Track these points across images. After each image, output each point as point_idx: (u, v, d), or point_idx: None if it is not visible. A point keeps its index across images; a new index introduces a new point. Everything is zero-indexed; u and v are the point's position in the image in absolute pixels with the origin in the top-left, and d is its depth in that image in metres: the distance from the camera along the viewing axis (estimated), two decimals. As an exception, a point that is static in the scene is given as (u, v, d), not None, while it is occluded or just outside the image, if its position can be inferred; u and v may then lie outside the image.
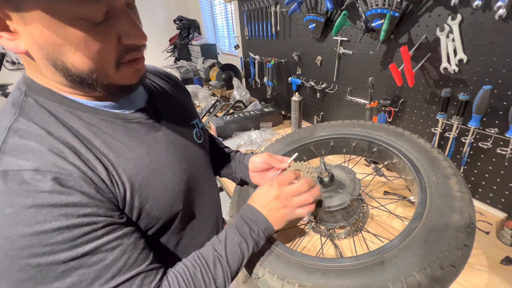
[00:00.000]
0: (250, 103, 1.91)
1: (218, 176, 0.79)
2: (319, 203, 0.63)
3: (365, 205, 0.78)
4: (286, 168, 0.64)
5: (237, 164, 0.72)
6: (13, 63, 3.09)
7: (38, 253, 0.30)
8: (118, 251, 0.35)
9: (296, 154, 0.65)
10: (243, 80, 2.42)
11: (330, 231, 0.72)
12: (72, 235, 0.32)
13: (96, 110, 0.41)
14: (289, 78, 1.60)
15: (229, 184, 1.06)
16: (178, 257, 0.52)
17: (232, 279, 0.45)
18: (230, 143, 1.40)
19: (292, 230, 0.73)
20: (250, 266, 0.50)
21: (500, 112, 0.74)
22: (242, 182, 0.75)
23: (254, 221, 0.48)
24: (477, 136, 0.80)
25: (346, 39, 1.17)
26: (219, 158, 0.75)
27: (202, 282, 0.41)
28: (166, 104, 0.53)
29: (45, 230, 0.30)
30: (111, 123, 0.41)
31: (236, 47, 2.34)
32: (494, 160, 0.78)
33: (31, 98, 0.37)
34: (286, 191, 0.51)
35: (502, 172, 0.77)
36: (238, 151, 0.77)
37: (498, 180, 0.79)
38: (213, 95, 2.24)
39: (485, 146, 0.78)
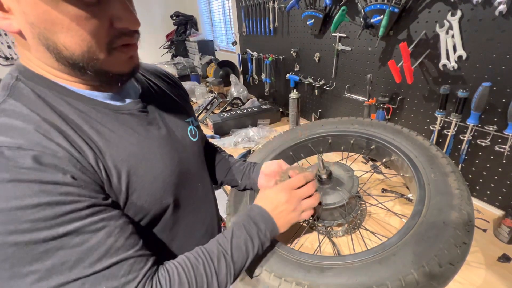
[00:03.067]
0: (248, 100, 1.90)
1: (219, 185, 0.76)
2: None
3: (363, 202, 0.77)
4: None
5: (246, 170, 0.69)
6: (6, 58, 3.04)
7: (17, 230, 0.28)
8: (104, 233, 0.34)
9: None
10: (241, 77, 2.40)
11: (328, 228, 0.72)
12: (54, 213, 0.30)
13: (87, 99, 0.40)
14: (287, 75, 1.59)
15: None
16: (171, 257, 0.50)
17: (235, 278, 0.43)
18: (228, 141, 1.39)
19: (289, 228, 0.72)
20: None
21: (499, 109, 0.73)
22: (244, 189, 0.72)
23: (262, 222, 0.48)
24: (476, 134, 0.80)
25: (345, 35, 1.16)
26: (223, 165, 0.73)
27: (204, 275, 0.39)
28: (161, 101, 0.52)
29: (24, 206, 0.29)
30: (101, 112, 0.41)
31: (234, 43, 2.32)
32: (492, 157, 0.78)
33: (21, 83, 0.37)
34: (296, 195, 0.52)
35: (500, 169, 0.77)
36: (245, 160, 0.75)
37: (496, 177, 0.79)
38: (211, 92, 2.22)
39: (483, 144, 0.77)
